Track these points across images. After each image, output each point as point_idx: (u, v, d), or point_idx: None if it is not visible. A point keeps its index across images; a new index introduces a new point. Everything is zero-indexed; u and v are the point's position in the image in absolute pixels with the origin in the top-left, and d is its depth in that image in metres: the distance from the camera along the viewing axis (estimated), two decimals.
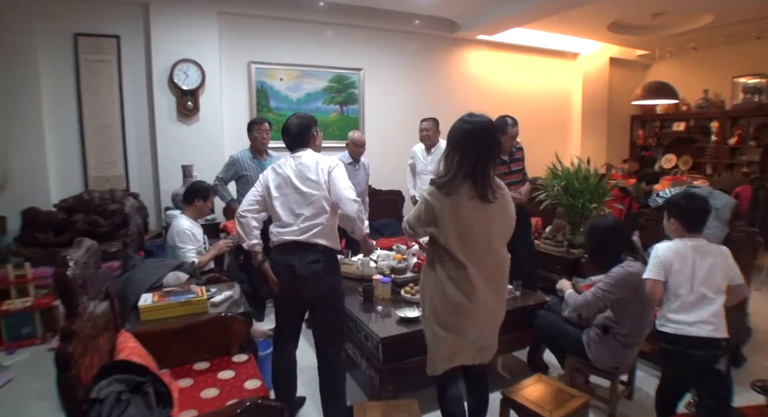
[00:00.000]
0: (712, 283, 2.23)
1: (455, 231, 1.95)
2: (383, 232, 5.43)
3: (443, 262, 2.00)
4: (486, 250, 2.00)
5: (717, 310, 2.20)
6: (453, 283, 1.98)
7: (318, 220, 2.39)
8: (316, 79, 5.43)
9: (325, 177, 2.41)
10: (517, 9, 5.11)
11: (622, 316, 2.53)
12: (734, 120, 6.78)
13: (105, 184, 4.67)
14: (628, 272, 2.48)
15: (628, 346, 2.55)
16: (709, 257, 2.26)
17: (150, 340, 2.26)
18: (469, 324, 2.01)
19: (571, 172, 4.02)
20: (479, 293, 1.99)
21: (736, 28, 5.94)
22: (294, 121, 2.55)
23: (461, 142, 1.97)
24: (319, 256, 2.40)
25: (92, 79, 4.60)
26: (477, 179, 1.93)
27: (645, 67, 7.85)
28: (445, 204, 1.94)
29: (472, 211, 1.95)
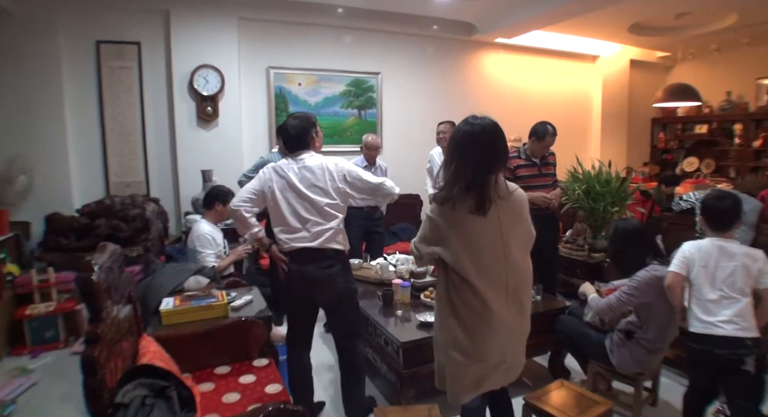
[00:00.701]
0: (734, 284, 2.21)
1: (465, 250, 1.73)
2: (401, 237, 5.41)
3: (455, 285, 1.78)
4: (502, 265, 1.77)
5: (742, 309, 2.18)
6: (468, 308, 1.76)
7: (329, 225, 2.39)
8: (334, 84, 5.45)
9: (336, 183, 2.40)
10: (535, 12, 5.08)
11: (647, 321, 2.47)
12: (758, 122, 6.63)
13: (126, 190, 4.72)
14: (654, 276, 2.43)
15: (652, 352, 2.49)
16: (735, 259, 2.23)
17: (172, 344, 2.27)
18: (490, 349, 1.78)
19: (592, 176, 3.97)
20: (499, 315, 1.76)
21: (761, 28, 5.82)
22: (292, 122, 2.50)
23: (459, 148, 1.75)
24: (332, 261, 2.42)
25: (114, 85, 4.67)
26: (474, 189, 1.71)
27: (666, 69, 7.74)
28: (449, 220, 1.74)
29: (480, 225, 1.73)
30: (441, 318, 1.87)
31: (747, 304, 2.20)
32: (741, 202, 2.41)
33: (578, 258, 3.99)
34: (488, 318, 1.76)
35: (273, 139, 5.20)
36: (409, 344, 2.51)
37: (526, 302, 1.87)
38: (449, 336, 1.81)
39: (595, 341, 2.66)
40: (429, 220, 1.82)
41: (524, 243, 1.85)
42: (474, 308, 1.76)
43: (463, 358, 1.78)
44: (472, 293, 1.75)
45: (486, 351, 1.78)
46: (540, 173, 3.80)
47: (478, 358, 1.79)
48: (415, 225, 5.68)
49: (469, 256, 1.74)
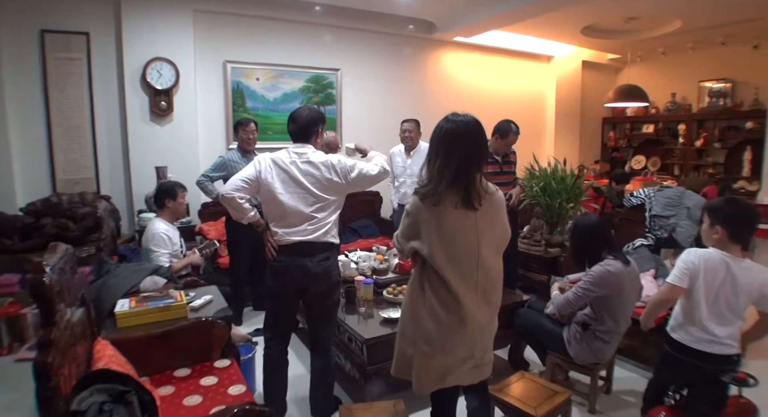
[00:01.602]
0: (734, 304, 2.09)
1: (440, 245, 1.77)
2: (361, 234, 5.41)
3: (430, 278, 1.83)
4: (475, 263, 1.81)
5: (735, 331, 2.11)
6: (440, 302, 1.80)
7: (328, 219, 2.42)
8: (294, 79, 5.37)
9: (340, 179, 2.40)
10: (494, 12, 5.16)
11: (602, 314, 2.57)
12: (700, 123, 6.99)
13: (74, 187, 4.51)
14: (608, 271, 2.52)
15: (607, 342, 2.60)
16: (742, 277, 2.06)
17: (128, 348, 2.19)
18: (458, 343, 1.83)
19: (549, 173, 4.07)
20: (469, 312, 1.81)
21: (703, 33, 6.13)
22: (305, 110, 2.51)
23: (443, 145, 1.79)
24: (328, 253, 2.45)
25: (60, 77, 4.44)
26: (460, 185, 1.75)
27: (616, 70, 8.03)
28: (429, 216, 1.78)
29: (458, 222, 1.77)
30: (412, 309, 1.90)
31: (739, 327, 2.13)
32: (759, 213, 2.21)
33: (535, 253, 4.10)
34: (459, 313, 1.81)
35: (230, 135, 5.08)
36: (373, 341, 2.52)
37: (495, 301, 1.92)
38: (419, 327, 1.85)
39: (553, 333, 2.75)
40: (408, 215, 1.86)
41: (498, 244, 1.90)
42: (445, 302, 1.81)
43: (430, 350, 1.83)
44: (445, 287, 1.80)
45: (453, 344, 1.83)
46: (501, 171, 3.88)
47: (444, 351, 1.83)
48: (374, 222, 5.69)
49: (444, 252, 1.78)
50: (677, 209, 3.45)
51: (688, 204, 3.40)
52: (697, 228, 3.37)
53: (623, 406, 2.79)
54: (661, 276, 3.24)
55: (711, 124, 6.86)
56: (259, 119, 4.79)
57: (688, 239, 3.36)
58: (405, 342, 1.93)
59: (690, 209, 3.38)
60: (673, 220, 3.44)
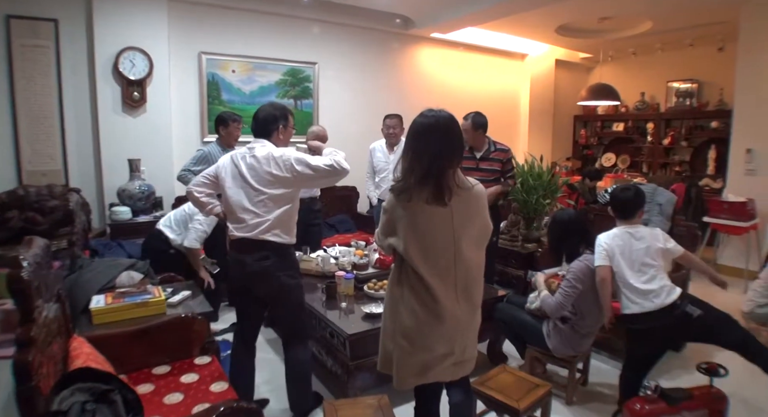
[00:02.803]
0: (648, 261, 2.52)
1: (416, 242, 1.76)
2: (338, 229, 5.39)
3: (408, 274, 1.81)
4: (453, 259, 1.79)
5: (661, 277, 2.51)
6: (417, 298, 1.79)
7: (268, 216, 2.36)
8: (270, 72, 5.30)
9: (282, 173, 2.33)
10: (472, 9, 5.19)
11: (582, 308, 2.62)
12: (668, 122, 7.19)
13: (41, 179, 4.34)
14: (587, 266, 2.58)
15: (585, 336, 2.66)
16: (643, 241, 2.56)
17: (105, 345, 2.13)
18: (436, 340, 1.81)
19: (526, 170, 4.13)
20: (446, 308, 1.79)
21: (672, 35, 6.30)
22: (265, 108, 2.50)
23: (415, 140, 1.77)
24: (268, 253, 2.38)
25: (27, 65, 4.27)
26: (430, 180, 1.72)
27: (588, 69, 8.20)
28: (403, 212, 1.76)
29: (432, 218, 1.75)
30: (391, 305, 1.90)
31: (662, 271, 2.54)
32: (643, 193, 2.70)
33: (512, 248, 4.16)
34: (436, 309, 1.79)
35: (205, 128, 4.99)
36: (355, 336, 2.51)
37: (476, 297, 1.90)
38: (398, 323, 1.85)
39: (533, 328, 2.80)
40: (385, 212, 1.85)
41: (478, 239, 1.87)
42: (422, 299, 1.79)
43: (409, 346, 1.82)
44: (421, 284, 1.78)
45: (432, 341, 1.81)
46: (476, 167, 3.88)
47: (423, 348, 1.82)
48: (351, 217, 5.67)
49: (420, 248, 1.76)
50: (649, 206, 3.54)
51: (659, 200, 3.51)
52: (668, 223, 3.48)
53: (599, 398, 2.87)
54: None
55: (678, 124, 7.07)
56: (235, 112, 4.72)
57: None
58: (386, 337, 1.93)
59: (662, 205, 3.48)
60: (645, 216, 3.54)
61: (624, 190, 2.70)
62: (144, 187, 4.29)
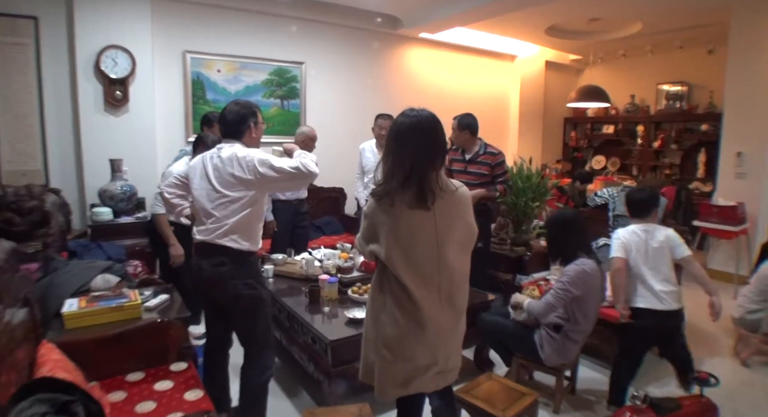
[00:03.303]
0: (661, 259, 2.69)
1: (397, 248, 1.68)
2: (325, 231, 5.32)
3: (390, 282, 1.75)
4: (436, 265, 1.73)
5: (670, 280, 2.68)
6: (399, 307, 1.72)
7: (226, 220, 2.24)
8: (256, 72, 5.22)
9: (244, 174, 2.20)
10: (460, 9, 5.15)
11: (575, 314, 2.55)
12: (657, 124, 7.19)
13: (21, 179, 4.24)
14: (583, 270, 2.50)
15: (577, 343, 2.60)
16: (657, 239, 2.73)
17: (76, 351, 2.06)
18: (419, 350, 1.75)
19: (514, 172, 4.08)
20: (430, 316, 1.73)
21: (662, 37, 6.30)
22: (232, 108, 2.35)
23: (396, 141, 1.69)
24: (224, 258, 2.26)
25: (5, 63, 4.17)
26: (413, 183, 1.65)
27: (578, 71, 8.18)
28: (384, 217, 1.69)
29: (415, 223, 1.68)
30: (372, 314, 1.83)
31: (671, 274, 2.70)
32: (657, 193, 2.88)
33: (500, 252, 4.10)
34: (418, 318, 1.73)
35: (189, 128, 4.90)
36: (338, 342, 2.44)
37: (460, 304, 1.83)
38: (379, 332, 1.78)
39: (521, 337, 2.70)
40: (366, 217, 1.78)
41: (462, 243, 1.80)
42: (404, 307, 1.73)
43: (391, 356, 1.75)
44: (404, 292, 1.72)
45: (414, 352, 1.75)
46: (464, 170, 3.84)
47: (405, 358, 1.75)
48: (338, 219, 5.61)
49: (402, 255, 1.69)
50: None
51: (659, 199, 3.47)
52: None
53: (587, 406, 2.81)
54: None
55: (668, 126, 7.06)
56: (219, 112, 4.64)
57: None
58: (368, 347, 1.86)
59: None
60: None
61: (639, 190, 2.90)
62: (126, 187, 4.20)
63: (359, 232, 1.86)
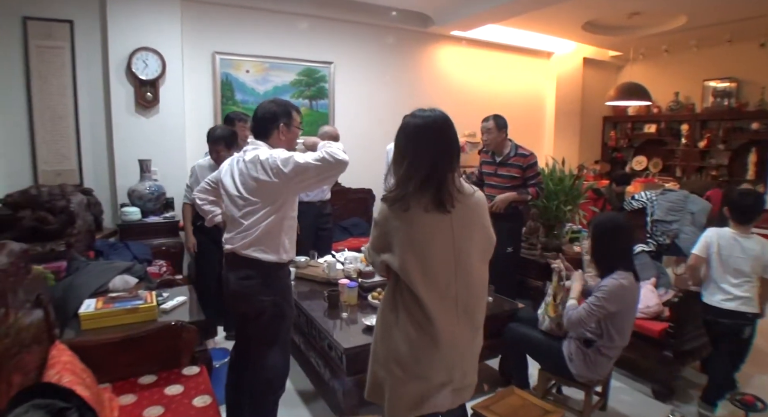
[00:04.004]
0: (742, 271, 2.64)
1: (413, 257, 1.58)
2: (352, 232, 5.27)
3: (402, 294, 1.64)
4: (453, 275, 1.62)
5: (746, 294, 2.63)
6: (413, 321, 1.62)
7: (252, 229, 2.13)
8: (285, 72, 5.21)
9: (269, 177, 2.06)
10: (492, 4, 4.98)
11: (609, 330, 2.38)
12: (704, 123, 6.82)
13: (56, 179, 4.36)
14: (621, 285, 2.33)
15: (610, 358, 2.43)
16: (747, 254, 2.65)
17: (89, 352, 2.06)
18: (434, 367, 1.64)
19: (546, 173, 3.92)
20: (446, 331, 1.62)
21: (708, 30, 5.96)
22: (266, 104, 2.24)
23: (410, 143, 1.61)
24: (250, 272, 2.17)
25: (43, 66, 4.29)
26: (431, 186, 1.56)
27: (617, 68, 7.86)
28: (398, 223, 1.58)
29: (431, 228, 1.58)
30: (383, 328, 1.72)
31: (751, 288, 2.64)
32: (763, 199, 2.81)
33: (530, 257, 3.94)
34: (433, 334, 1.62)
35: None
36: (353, 350, 2.36)
37: (479, 317, 1.72)
38: (391, 349, 1.67)
39: (550, 350, 2.55)
40: (377, 225, 1.68)
41: (481, 251, 1.69)
42: (419, 322, 1.62)
43: (403, 374, 1.64)
44: (418, 305, 1.61)
45: (429, 369, 1.64)
46: (495, 173, 3.70)
47: (419, 376, 1.64)
48: (366, 220, 5.54)
49: (417, 264, 1.59)
50: (680, 214, 3.28)
51: (692, 209, 3.24)
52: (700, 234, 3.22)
53: None
54: (663, 285, 3.07)
55: (715, 125, 6.69)
56: (249, 112, 4.63)
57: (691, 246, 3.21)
58: (377, 364, 1.75)
59: (694, 215, 3.22)
60: (675, 226, 3.28)
61: (744, 195, 2.78)
62: (154, 187, 4.24)
63: (369, 243, 1.76)
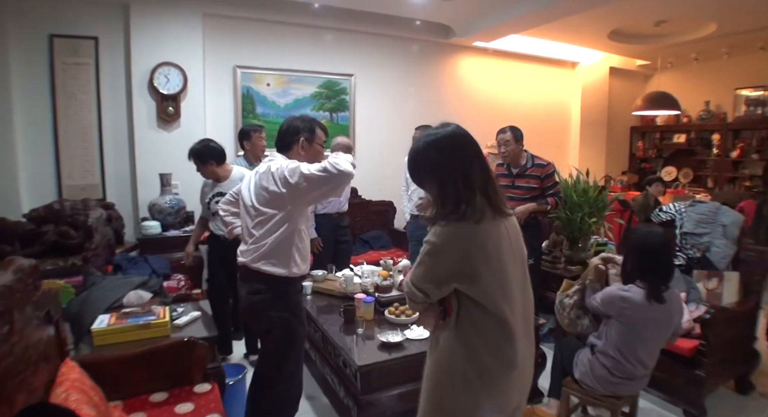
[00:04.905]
0: None
1: (496, 282, 1.41)
2: (373, 245, 5.21)
3: (474, 321, 1.44)
4: (522, 286, 1.50)
5: None
6: (489, 346, 1.43)
7: (262, 241, 2.13)
8: (305, 85, 5.22)
9: (278, 188, 2.07)
10: (513, 14, 4.92)
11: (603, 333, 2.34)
12: (736, 132, 6.60)
13: (80, 193, 4.42)
14: (619, 296, 2.24)
15: (613, 375, 2.28)
16: None
17: (101, 369, 2.03)
18: (512, 390, 1.49)
19: (570, 184, 3.80)
20: (522, 352, 1.47)
21: (740, 38, 5.76)
22: (291, 120, 2.29)
23: (452, 153, 1.46)
24: (260, 286, 2.15)
25: (68, 82, 4.38)
26: (488, 191, 1.45)
27: (645, 77, 7.68)
28: (472, 240, 1.39)
29: (499, 238, 1.43)
30: (452, 379, 1.48)
31: None
32: None
33: (554, 271, 3.81)
34: (512, 353, 1.45)
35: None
36: (367, 368, 2.29)
37: (534, 329, 1.63)
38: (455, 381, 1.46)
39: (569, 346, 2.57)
40: (435, 249, 1.42)
41: (524, 259, 1.58)
42: (496, 344, 1.44)
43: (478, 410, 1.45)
44: (499, 326, 1.43)
45: (507, 391, 1.48)
46: (512, 185, 3.62)
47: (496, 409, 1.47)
48: (387, 233, 5.48)
49: (501, 289, 1.42)
50: (712, 227, 3.13)
51: (724, 221, 3.09)
52: (734, 247, 3.06)
53: None
54: (693, 300, 2.92)
55: (748, 134, 6.46)
56: (269, 126, 4.67)
57: (723, 260, 3.05)
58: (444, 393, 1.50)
59: (726, 227, 3.07)
60: (706, 239, 3.13)
61: None
62: (174, 201, 4.27)
63: (416, 275, 1.48)
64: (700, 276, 3.06)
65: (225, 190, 3.13)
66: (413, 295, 1.50)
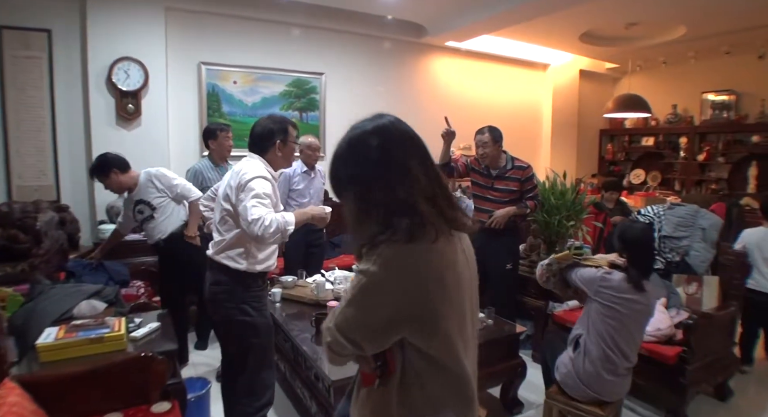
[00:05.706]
0: None
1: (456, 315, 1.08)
2: (344, 249, 5.04)
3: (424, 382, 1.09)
4: (470, 315, 1.15)
5: None
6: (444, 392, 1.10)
7: (225, 235, 2.20)
8: (274, 83, 5.03)
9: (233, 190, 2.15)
10: (486, 14, 4.85)
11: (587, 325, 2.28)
12: (703, 136, 6.70)
13: (33, 195, 4.14)
14: (600, 275, 2.26)
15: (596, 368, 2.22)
16: None
17: (46, 389, 1.84)
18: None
19: (547, 187, 3.73)
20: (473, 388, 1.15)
21: (707, 42, 5.85)
22: (263, 121, 2.30)
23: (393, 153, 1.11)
24: (221, 278, 2.20)
25: (18, 76, 4.10)
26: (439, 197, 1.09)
27: (614, 80, 7.77)
28: (427, 269, 1.02)
29: (453, 256, 1.09)
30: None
31: None
32: None
33: (531, 275, 3.73)
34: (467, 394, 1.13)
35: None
36: (342, 382, 2.14)
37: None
38: None
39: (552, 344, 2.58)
40: (372, 289, 1.02)
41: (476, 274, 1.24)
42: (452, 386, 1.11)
43: None
44: (463, 403, 1.12)
45: None
46: (491, 186, 3.50)
47: None
48: None
49: (461, 334, 1.10)
50: (691, 230, 3.10)
51: (703, 224, 3.06)
52: (713, 251, 3.04)
53: None
54: (674, 305, 2.87)
55: (714, 138, 6.57)
56: (236, 125, 4.48)
57: (702, 263, 3.02)
58: None
59: (705, 230, 3.04)
60: (685, 243, 3.09)
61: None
62: None
63: (344, 318, 1.05)
64: (679, 280, 3.03)
65: (144, 197, 3.24)
66: (338, 347, 1.07)
